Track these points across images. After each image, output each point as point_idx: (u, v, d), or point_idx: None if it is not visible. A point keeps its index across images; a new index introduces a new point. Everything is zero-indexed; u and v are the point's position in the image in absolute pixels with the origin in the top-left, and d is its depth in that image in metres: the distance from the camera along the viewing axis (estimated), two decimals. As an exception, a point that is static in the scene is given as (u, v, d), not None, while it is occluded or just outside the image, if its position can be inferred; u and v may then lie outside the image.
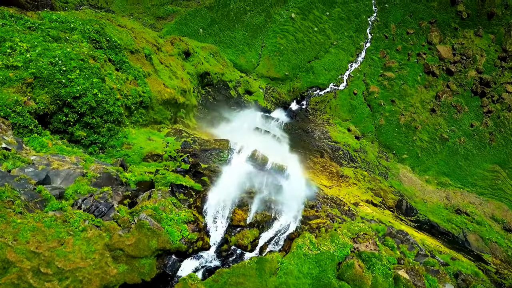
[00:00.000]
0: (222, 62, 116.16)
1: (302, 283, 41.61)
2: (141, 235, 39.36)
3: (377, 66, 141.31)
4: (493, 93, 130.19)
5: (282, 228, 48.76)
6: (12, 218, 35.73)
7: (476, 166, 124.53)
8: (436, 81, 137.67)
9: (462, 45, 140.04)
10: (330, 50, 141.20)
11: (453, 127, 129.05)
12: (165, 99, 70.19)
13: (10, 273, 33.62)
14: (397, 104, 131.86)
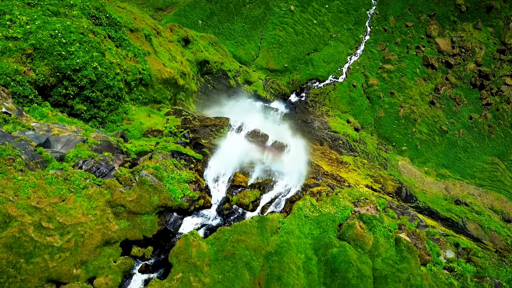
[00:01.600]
0: (221, 51, 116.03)
1: (303, 242, 41.43)
2: (142, 191, 39.13)
3: (376, 58, 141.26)
4: (492, 85, 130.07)
5: (283, 191, 48.55)
6: (13, 174, 35.55)
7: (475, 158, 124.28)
8: (435, 74, 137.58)
9: (461, 38, 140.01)
10: (329, 42, 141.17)
11: (452, 119, 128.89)
12: (164, 78, 69.99)
13: (11, 227, 33.43)
14: (396, 97, 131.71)
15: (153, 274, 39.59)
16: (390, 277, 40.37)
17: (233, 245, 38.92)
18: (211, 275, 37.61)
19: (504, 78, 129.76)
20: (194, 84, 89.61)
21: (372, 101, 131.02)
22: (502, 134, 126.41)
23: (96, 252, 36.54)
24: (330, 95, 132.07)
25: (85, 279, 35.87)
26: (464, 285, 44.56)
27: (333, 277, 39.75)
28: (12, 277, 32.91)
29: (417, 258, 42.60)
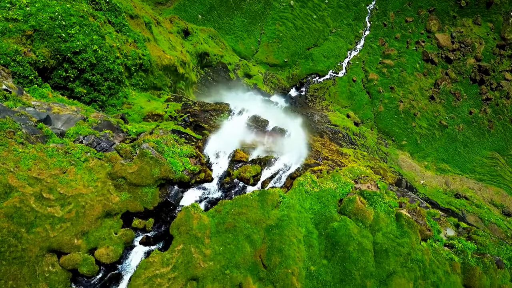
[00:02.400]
0: (221, 45, 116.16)
1: (304, 216, 41.42)
2: (143, 164, 39.13)
3: (376, 53, 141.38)
4: (491, 80, 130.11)
5: (283, 167, 48.54)
6: (14, 147, 35.57)
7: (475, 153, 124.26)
8: (435, 69, 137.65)
9: (461, 33, 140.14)
10: (329, 37, 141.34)
11: (452, 114, 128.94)
12: (164, 65, 70.02)
13: (12, 197, 33.45)
14: (396, 91, 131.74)
15: (154, 246, 39.57)
16: (391, 251, 40.36)
17: (234, 218, 38.91)
18: (212, 247, 37.60)
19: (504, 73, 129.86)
20: (194, 75, 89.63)
21: (372, 96, 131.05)
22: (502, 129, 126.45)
23: (97, 223, 36.52)
24: (330, 89, 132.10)
25: (86, 250, 35.84)
26: (465, 260, 44.54)
27: (334, 250, 39.73)
28: (13, 246, 32.89)
29: (417, 233, 42.58)
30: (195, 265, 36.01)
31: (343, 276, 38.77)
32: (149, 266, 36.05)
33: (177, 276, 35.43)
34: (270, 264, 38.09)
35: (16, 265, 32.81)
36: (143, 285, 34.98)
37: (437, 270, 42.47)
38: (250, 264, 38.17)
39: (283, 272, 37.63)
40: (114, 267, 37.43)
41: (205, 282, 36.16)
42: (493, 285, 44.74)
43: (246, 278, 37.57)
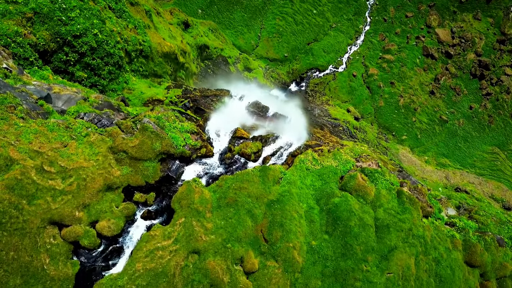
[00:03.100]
0: (221, 38, 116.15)
1: (305, 193, 41.40)
2: (144, 138, 39.09)
3: (376, 49, 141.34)
4: (492, 75, 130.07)
5: (285, 145, 48.45)
6: (15, 121, 35.58)
7: (475, 148, 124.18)
8: (435, 64, 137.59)
9: (461, 28, 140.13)
10: (329, 32, 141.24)
11: (452, 109, 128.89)
12: (165, 52, 70.02)
13: (13, 169, 33.46)
14: (396, 86, 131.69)
15: (156, 220, 39.55)
16: (392, 227, 40.33)
17: (235, 193, 38.87)
18: (214, 221, 37.57)
19: (504, 68, 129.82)
20: (194, 67, 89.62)
21: (372, 91, 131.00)
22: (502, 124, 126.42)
23: (98, 196, 36.48)
24: (330, 84, 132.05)
25: (87, 223, 35.80)
26: (466, 238, 44.51)
27: (335, 225, 39.71)
28: (14, 218, 32.88)
29: (419, 210, 42.56)
30: (196, 238, 35.96)
31: (345, 250, 38.75)
32: (150, 239, 36.02)
33: (178, 248, 35.39)
34: (271, 238, 38.06)
35: (17, 236, 32.78)
36: (145, 258, 34.94)
37: (438, 246, 42.46)
38: (252, 238, 38.14)
39: (284, 246, 37.61)
40: (115, 240, 37.40)
41: (206, 255, 36.12)
42: (495, 262, 44.71)
43: (248, 252, 37.56)
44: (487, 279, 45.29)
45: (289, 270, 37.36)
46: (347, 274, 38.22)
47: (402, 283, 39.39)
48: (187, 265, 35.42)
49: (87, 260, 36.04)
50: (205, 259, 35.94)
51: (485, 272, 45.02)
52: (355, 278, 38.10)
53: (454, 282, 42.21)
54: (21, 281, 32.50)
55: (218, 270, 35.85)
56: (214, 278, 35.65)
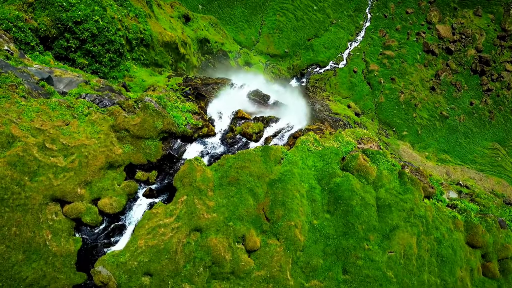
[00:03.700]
0: (222, 33, 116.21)
1: (306, 173, 41.43)
2: (146, 116, 39.14)
3: (376, 45, 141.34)
4: (492, 71, 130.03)
5: (286, 127, 48.44)
6: (16, 99, 35.65)
7: (476, 144, 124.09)
8: (436, 60, 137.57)
9: (462, 24, 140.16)
10: (329, 28, 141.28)
11: (453, 105, 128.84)
12: (166, 41, 70.01)
13: (15, 146, 33.55)
14: (397, 82, 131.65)
15: (158, 198, 39.61)
16: (394, 206, 40.34)
17: (237, 171, 38.88)
18: (216, 199, 37.59)
19: (505, 64, 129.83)
20: (195, 60, 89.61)
21: (372, 87, 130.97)
22: (503, 120, 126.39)
23: (100, 174, 36.52)
24: (331, 80, 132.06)
25: (89, 200, 35.85)
26: (467, 219, 44.51)
27: (336, 204, 39.71)
28: (16, 194, 32.91)
29: (420, 190, 42.56)
30: (198, 216, 35.98)
31: (346, 229, 38.77)
32: (152, 217, 36.07)
33: (180, 226, 35.41)
34: (273, 217, 38.07)
35: (19, 212, 32.81)
36: (147, 235, 34.98)
37: (440, 226, 42.47)
38: (253, 217, 38.15)
39: (286, 224, 37.62)
40: (117, 218, 37.44)
41: (208, 233, 36.15)
42: (496, 243, 44.72)
43: (250, 230, 37.57)
44: (489, 260, 45.27)
45: (290, 248, 37.37)
46: (348, 252, 38.23)
47: (404, 261, 39.39)
48: (189, 243, 35.45)
49: (89, 237, 36.09)
50: (207, 237, 35.96)
51: (486, 253, 45.00)
52: (357, 256, 38.11)
53: (455, 262, 42.21)
54: (23, 256, 32.54)
55: (220, 248, 35.87)
56: (216, 255, 35.68)
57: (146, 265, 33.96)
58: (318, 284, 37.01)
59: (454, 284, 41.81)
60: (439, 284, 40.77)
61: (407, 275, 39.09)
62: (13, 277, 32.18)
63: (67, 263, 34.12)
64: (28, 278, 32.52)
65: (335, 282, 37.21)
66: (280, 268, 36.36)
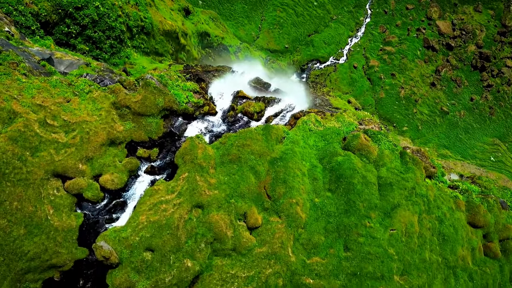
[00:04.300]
0: (222, 28, 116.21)
1: (308, 152, 41.43)
2: (147, 93, 39.13)
3: (377, 40, 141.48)
4: (493, 67, 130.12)
5: (288, 107, 48.40)
6: (17, 76, 35.67)
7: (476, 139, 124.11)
8: (436, 56, 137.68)
9: (462, 20, 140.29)
10: (330, 24, 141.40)
11: (453, 100, 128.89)
12: (166, 30, 70.01)
13: (16, 122, 33.58)
14: (397, 78, 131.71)
15: (159, 176, 39.62)
16: (395, 185, 40.30)
17: (239, 149, 38.85)
18: (217, 177, 37.57)
19: (505, 60, 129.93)
20: (195, 52, 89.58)
21: (373, 82, 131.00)
22: (503, 116, 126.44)
23: (101, 150, 36.52)
24: (331, 76, 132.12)
25: (91, 176, 35.85)
26: (469, 199, 44.49)
27: (338, 183, 39.68)
28: (18, 169, 32.91)
29: (422, 170, 42.55)
30: (200, 192, 35.96)
31: (348, 207, 38.74)
32: (154, 193, 36.05)
33: (182, 202, 35.39)
34: (274, 194, 38.05)
35: (21, 186, 32.80)
36: (148, 211, 34.95)
37: (441, 206, 42.46)
38: (255, 195, 38.13)
39: (287, 202, 37.61)
40: (119, 194, 37.44)
41: (210, 209, 36.13)
42: (498, 224, 44.71)
43: (251, 207, 37.56)
44: (490, 240, 45.25)
45: (292, 225, 37.35)
46: (350, 229, 38.20)
47: (405, 239, 39.37)
48: (190, 219, 35.43)
49: (90, 213, 36.11)
50: (209, 213, 35.95)
51: (488, 233, 44.97)
52: (358, 233, 38.07)
53: (457, 241, 42.18)
54: (24, 231, 32.53)
55: (222, 224, 35.85)
56: (217, 232, 35.66)
57: (147, 241, 33.91)
58: (320, 260, 36.98)
59: (456, 263, 41.80)
60: (441, 262, 40.76)
61: (409, 252, 39.07)
62: (14, 252, 32.16)
63: (68, 238, 34.11)
64: (29, 252, 32.50)
65: (336, 259, 37.18)
66: (281, 245, 36.34)
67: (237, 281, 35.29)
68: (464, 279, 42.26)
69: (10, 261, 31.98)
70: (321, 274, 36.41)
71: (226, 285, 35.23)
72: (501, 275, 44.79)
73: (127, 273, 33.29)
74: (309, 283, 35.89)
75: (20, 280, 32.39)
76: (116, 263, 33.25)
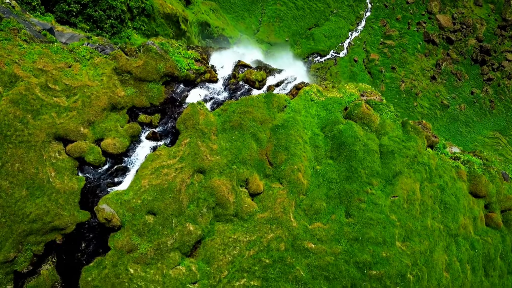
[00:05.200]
0: (222, 19, 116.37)
1: (309, 121, 41.42)
2: (148, 58, 39.14)
3: (377, 34, 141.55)
4: (493, 61, 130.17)
5: (289, 78, 48.30)
6: (19, 42, 35.64)
7: (476, 133, 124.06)
8: (436, 50, 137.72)
9: (462, 14, 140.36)
10: (330, 18, 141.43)
11: (454, 94, 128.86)
12: (167, 13, 70.05)
13: (18, 86, 33.50)
14: (398, 71, 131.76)
15: (161, 142, 39.58)
16: (397, 153, 40.24)
17: (240, 116, 38.78)
18: (219, 143, 37.55)
19: (506, 53, 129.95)
20: (196, 41, 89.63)
21: (373, 76, 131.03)
22: (504, 109, 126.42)
23: (103, 115, 36.54)
24: (331, 69, 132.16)
25: (93, 140, 35.88)
26: (471, 169, 44.44)
27: (339, 150, 39.62)
28: (19, 131, 32.96)
29: (424, 139, 42.51)
30: (202, 157, 35.94)
31: (349, 173, 38.69)
32: (156, 158, 36.05)
33: (184, 166, 35.37)
34: (276, 161, 38.02)
35: (22, 148, 32.84)
36: (150, 175, 34.94)
37: (443, 174, 42.41)
38: (257, 162, 38.11)
39: (289, 168, 37.57)
40: (120, 159, 37.44)
41: (212, 175, 36.11)
42: (499, 194, 44.65)
43: (253, 174, 37.53)
44: (492, 211, 45.16)
45: (294, 192, 37.29)
46: (351, 196, 38.12)
47: (407, 206, 39.29)
48: (192, 183, 35.41)
49: (92, 177, 36.09)
50: (211, 178, 35.94)
51: (489, 203, 44.89)
52: (360, 199, 37.99)
53: (458, 209, 42.09)
54: (26, 192, 32.55)
55: (224, 189, 35.82)
56: (219, 196, 35.63)
57: (149, 204, 33.89)
58: (321, 226, 36.91)
59: (457, 231, 41.73)
60: (442, 230, 40.70)
61: (411, 219, 39.00)
62: (16, 213, 32.17)
63: (70, 201, 34.11)
64: (31, 214, 32.50)
65: (338, 224, 37.10)
66: (283, 210, 36.29)
67: (239, 245, 35.26)
68: (466, 247, 42.17)
69: (12, 222, 31.97)
70: (322, 239, 36.35)
71: (228, 249, 35.19)
72: (503, 245, 44.71)
73: (129, 235, 33.27)
74: (311, 247, 35.83)
75: (22, 242, 32.37)
76: (118, 226, 33.22)
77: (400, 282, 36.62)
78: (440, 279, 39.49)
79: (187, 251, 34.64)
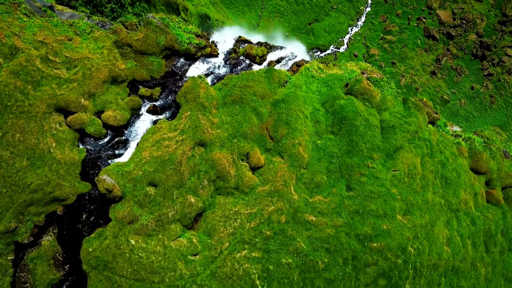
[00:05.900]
0: (222, 13, 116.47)
1: (310, 96, 41.42)
2: (149, 31, 39.17)
3: (377, 30, 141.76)
4: (493, 56, 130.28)
5: (290, 55, 48.31)
6: (19, 15, 35.66)
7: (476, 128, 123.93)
8: (437, 45, 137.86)
9: (462, 9, 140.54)
10: (330, 13, 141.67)
11: (454, 89, 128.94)
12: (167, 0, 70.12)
13: (18, 57, 33.54)
14: (398, 66, 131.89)
15: (161, 115, 39.57)
16: (398, 128, 40.25)
17: (241, 90, 38.75)
18: (220, 117, 37.54)
19: (506, 49, 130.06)
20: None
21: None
22: (504, 104, 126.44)
23: (103, 87, 36.55)
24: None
25: (93, 112, 35.89)
26: (471, 146, 44.46)
27: (340, 125, 39.62)
28: (20, 101, 32.96)
29: (425, 115, 42.53)
30: (202, 130, 35.92)
31: (350, 148, 38.69)
32: (156, 131, 36.03)
33: (184, 139, 35.34)
34: (277, 135, 37.99)
35: (23, 119, 32.86)
36: (151, 147, 34.93)
37: (444, 150, 42.43)
38: (257, 136, 38.09)
39: (290, 142, 37.55)
40: (121, 132, 37.45)
41: (212, 148, 36.09)
42: (500, 171, 44.66)
43: (254, 148, 37.52)
44: (493, 188, 45.17)
45: (294, 165, 37.27)
46: (352, 169, 38.12)
47: (408, 180, 39.29)
48: (193, 156, 35.37)
49: (93, 149, 36.09)
50: (211, 151, 35.92)
51: (490, 179, 44.90)
52: (361, 173, 38.00)
53: (459, 185, 42.09)
54: (27, 163, 32.53)
55: (225, 162, 35.81)
56: (220, 169, 35.61)
57: (150, 175, 33.86)
58: (322, 199, 36.90)
59: (458, 206, 41.74)
60: (443, 204, 40.69)
61: (412, 193, 38.99)
62: (17, 183, 32.15)
63: (71, 172, 34.09)
64: (32, 184, 32.48)
65: (339, 198, 37.10)
66: (284, 183, 36.28)
67: (240, 217, 35.23)
68: (467, 222, 42.18)
69: (13, 192, 31.96)
70: (323, 212, 36.34)
71: (229, 221, 35.17)
72: (503, 221, 44.72)
73: (130, 206, 33.24)
74: (312, 220, 35.82)
75: (23, 213, 32.36)
76: (119, 197, 33.19)
77: (401, 255, 36.62)
78: (441, 253, 39.49)
79: (188, 224, 34.59)
